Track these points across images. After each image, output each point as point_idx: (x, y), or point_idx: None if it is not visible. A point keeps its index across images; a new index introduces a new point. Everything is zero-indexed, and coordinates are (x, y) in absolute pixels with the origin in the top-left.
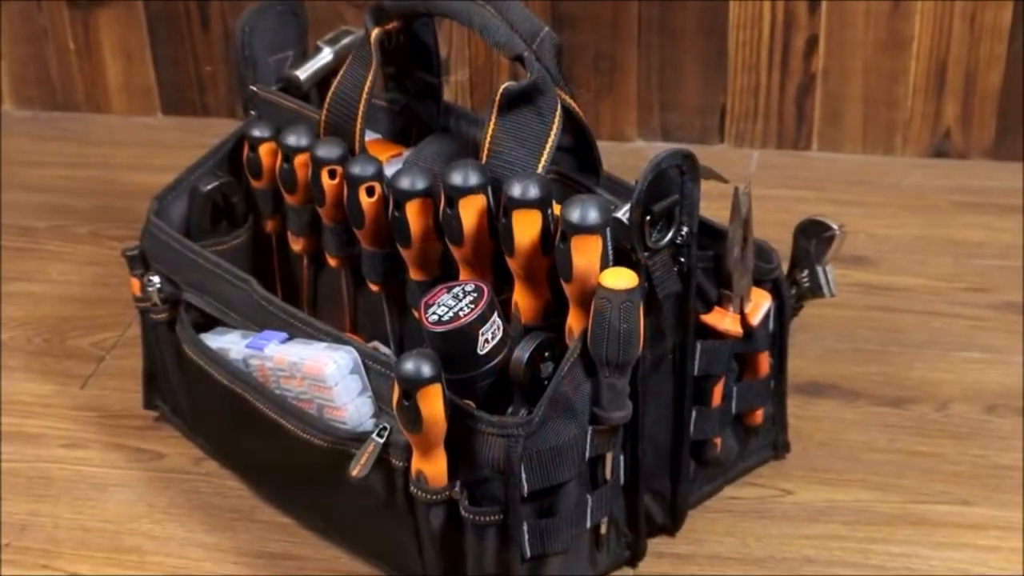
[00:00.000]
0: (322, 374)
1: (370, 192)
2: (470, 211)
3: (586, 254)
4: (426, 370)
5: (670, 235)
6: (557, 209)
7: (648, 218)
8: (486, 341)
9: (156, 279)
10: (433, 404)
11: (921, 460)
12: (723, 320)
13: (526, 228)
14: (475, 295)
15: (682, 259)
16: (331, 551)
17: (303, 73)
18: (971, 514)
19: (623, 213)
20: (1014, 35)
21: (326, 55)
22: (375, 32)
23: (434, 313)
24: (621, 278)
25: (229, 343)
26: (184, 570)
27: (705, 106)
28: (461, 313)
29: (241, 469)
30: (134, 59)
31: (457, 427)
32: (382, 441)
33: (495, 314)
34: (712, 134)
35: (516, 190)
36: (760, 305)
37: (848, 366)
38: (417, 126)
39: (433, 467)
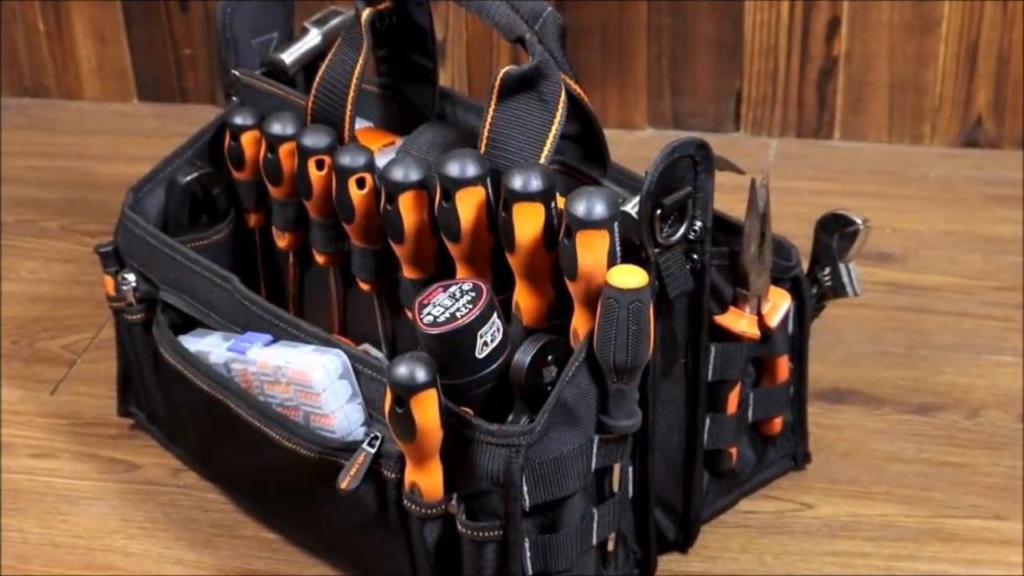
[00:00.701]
0: (309, 379)
1: (360, 184)
2: (468, 204)
3: (592, 250)
4: (420, 375)
5: (682, 230)
6: (561, 202)
7: (659, 212)
8: (485, 344)
9: (131, 277)
10: (428, 411)
11: (951, 471)
12: (739, 321)
13: (528, 223)
14: (473, 294)
15: (695, 256)
16: (319, 568)
17: (289, 56)
18: (1004, 529)
19: (632, 207)
20: None
21: (313, 37)
22: (366, 12)
23: (429, 314)
24: (630, 276)
25: (209, 346)
26: None
27: (720, 92)
28: (458, 314)
29: (222, 481)
30: (108, 41)
31: (454, 436)
32: (373, 451)
33: (494, 315)
34: (727, 122)
35: (517, 182)
36: (779, 305)
37: (872, 370)
38: (411, 113)
39: (428, 479)
